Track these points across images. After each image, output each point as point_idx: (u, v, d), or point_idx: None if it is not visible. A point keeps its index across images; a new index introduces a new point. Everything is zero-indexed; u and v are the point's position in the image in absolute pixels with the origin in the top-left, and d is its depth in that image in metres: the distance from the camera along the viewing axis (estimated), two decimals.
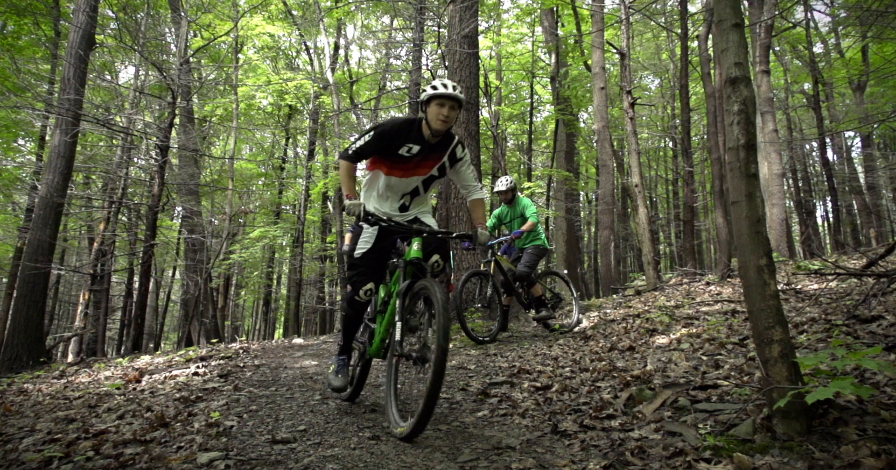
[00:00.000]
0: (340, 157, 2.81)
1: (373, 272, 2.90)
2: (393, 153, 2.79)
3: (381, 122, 2.82)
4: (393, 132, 2.75)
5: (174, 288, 20.65)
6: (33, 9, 10.87)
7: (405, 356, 2.49)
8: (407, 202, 2.99)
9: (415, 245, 2.68)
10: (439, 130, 2.71)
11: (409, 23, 13.66)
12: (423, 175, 2.90)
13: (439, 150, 2.86)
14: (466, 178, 3.00)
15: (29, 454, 2.28)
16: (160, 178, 9.65)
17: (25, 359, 7.28)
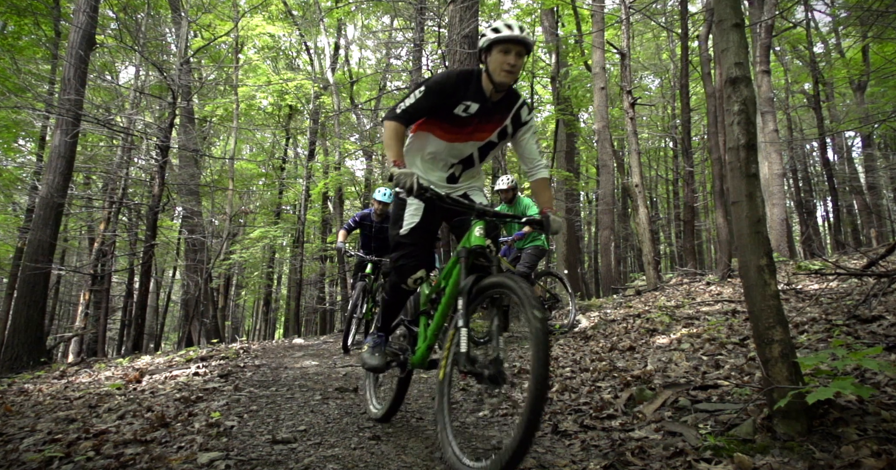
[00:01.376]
0: (386, 118, 2.28)
1: (424, 255, 2.43)
2: (447, 113, 2.33)
3: (433, 77, 2.36)
4: (448, 87, 2.29)
5: (174, 288, 20.66)
6: (34, 9, 10.88)
7: (474, 374, 1.87)
8: (457, 173, 2.52)
9: (477, 230, 2.14)
10: (504, 84, 2.24)
11: (409, 23, 13.66)
12: (480, 140, 2.42)
13: (501, 110, 2.38)
14: (530, 149, 2.47)
15: (29, 454, 2.28)
16: (160, 179, 9.66)
17: (26, 359, 7.29)
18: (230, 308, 19.96)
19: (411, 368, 2.47)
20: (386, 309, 2.60)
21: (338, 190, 14.20)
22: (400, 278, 2.44)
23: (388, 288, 2.55)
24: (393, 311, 2.60)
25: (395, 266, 2.42)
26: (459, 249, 2.16)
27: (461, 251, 2.14)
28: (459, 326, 1.95)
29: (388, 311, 2.60)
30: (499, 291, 1.93)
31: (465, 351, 1.88)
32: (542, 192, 2.48)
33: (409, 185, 2.05)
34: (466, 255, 2.12)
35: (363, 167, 18.30)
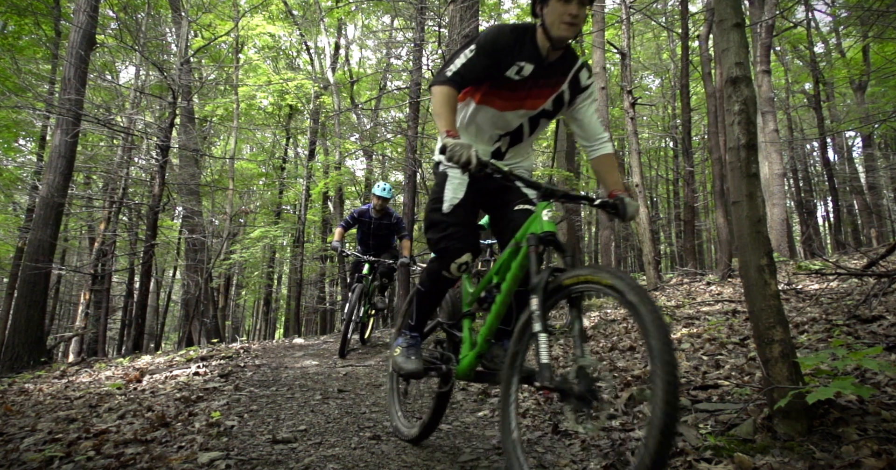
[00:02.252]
0: (435, 83, 1.93)
1: (470, 237, 2.04)
2: (497, 76, 1.96)
3: (483, 32, 1.97)
4: (501, 45, 1.92)
5: (175, 288, 20.66)
6: (34, 9, 10.87)
7: (559, 390, 1.51)
8: (503, 147, 2.14)
9: (545, 213, 1.76)
10: (563, 38, 1.87)
11: (409, 23, 13.66)
12: (532, 109, 2.05)
13: (558, 72, 2.01)
14: (590, 120, 2.09)
15: (30, 454, 2.28)
16: (161, 178, 9.66)
17: (26, 359, 7.29)
18: (230, 308, 19.96)
19: (456, 380, 2.07)
20: (421, 303, 2.19)
21: (338, 190, 14.20)
22: (441, 264, 2.04)
23: (425, 277, 2.17)
24: (429, 305, 2.20)
25: (437, 249, 2.03)
26: (527, 236, 1.75)
27: (530, 238, 1.73)
28: (536, 332, 1.56)
29: (423, 305, 2.18)
30: (586, 287, 1.54)
31: (546, 362, 1.53)
32: (608, 171, 2.11)
33: (465, 158, 1.70)
34: (537, 242, 1.71)
35: (363, 167, 18.31)
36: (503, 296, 1.85)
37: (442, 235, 2.03)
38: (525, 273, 1.77)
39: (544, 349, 1.54)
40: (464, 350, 2.04)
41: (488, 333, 1.94)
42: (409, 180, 12.27)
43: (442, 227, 2.03)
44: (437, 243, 2.03)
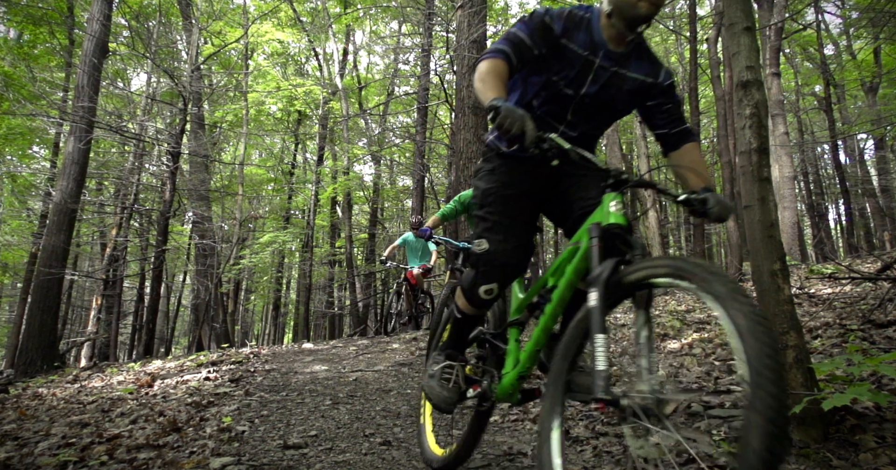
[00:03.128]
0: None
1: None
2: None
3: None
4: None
5: (185, 293, 20.81)
6: (49, 18, 11.06)
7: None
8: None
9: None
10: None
11: (417, 28, 13.73)
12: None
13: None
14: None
15: (44, 459, 2.30)
16: (171, 184, 9.75)
17: (39, 363, 7.36)
18: (240, 313, 20.07)
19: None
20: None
21: (346, 195, 14.26)
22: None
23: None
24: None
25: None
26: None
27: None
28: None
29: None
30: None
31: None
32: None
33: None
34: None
35: (371, 172, 18.39)
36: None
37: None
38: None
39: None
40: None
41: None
42: (417, 185, 12.26)
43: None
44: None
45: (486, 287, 1.70)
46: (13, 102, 10.58)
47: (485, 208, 1.74)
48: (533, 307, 1.72)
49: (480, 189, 1.78)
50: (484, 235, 1.71)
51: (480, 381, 1.86)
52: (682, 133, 1.73)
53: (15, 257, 15.17)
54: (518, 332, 1.79)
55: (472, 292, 1.73)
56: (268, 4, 14.18)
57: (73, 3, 11.51)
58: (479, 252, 1.70)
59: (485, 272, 1.70)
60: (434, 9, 10.46)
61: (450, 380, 1.80)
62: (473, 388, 1.83)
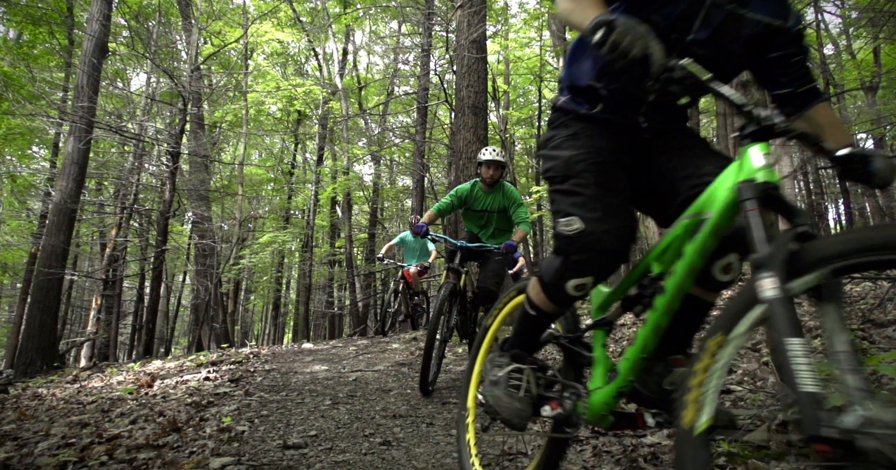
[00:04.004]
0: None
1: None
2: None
3: None
4: None
5: (185, 293, 20.82)
6: (48, 18, 11.06)
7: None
8: None
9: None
10: None
11: (417, 28, 13.73)
12: None
13: None
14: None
15: (44, 459, 2.30)
16: (171, 184, 9.75)
17: (39, 363, 7.36)
18: (239, 313, 20.06)
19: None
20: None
21: (346, 195, 14.26)
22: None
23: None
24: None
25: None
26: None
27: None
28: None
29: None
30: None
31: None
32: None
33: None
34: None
35: (371, 172, 18.39)
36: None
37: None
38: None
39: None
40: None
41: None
42: (416, 185, 12.27)
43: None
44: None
45: (578, 281, 1.29)
46: (13, 102, 10.58)
47: (571, 180, 1.33)
48: (629, 302, 1.34)
49: (562, 159, 1.37)
50: (574, 211, 1.28)
51: (560, 398, 1.39)
52: (811, 92, 1.34)
53: (15, 257, 15.17)
54: (604, 335, 1.42)
55: (557, 287, 1.33)
56: (267, 4, 14.19)
57: (73, 3, 11.51)
58: (570, 234, 1.27)
59: (578, 262, 1.28)
60: (434, 9, 10.47)
61: (519, 387, 1.41)
62: (552, 405, 1.38)
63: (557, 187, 1.37)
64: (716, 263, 1.23)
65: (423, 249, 7.21)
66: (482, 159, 3.87)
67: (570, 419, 1.35)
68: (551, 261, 1.36)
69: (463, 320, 3.78)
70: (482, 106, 7.47)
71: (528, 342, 1.52)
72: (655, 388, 1.31)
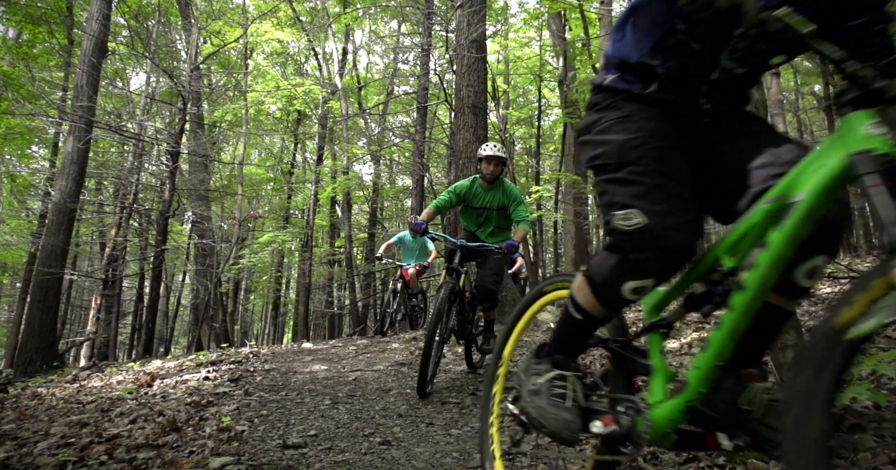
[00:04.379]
0: None
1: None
2: None
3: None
4: None
5: (184, 292, 20.81)
6: (48, 18, 11.05)
7: None
8: None
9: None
10: None
11: (416, 28, 13.74)
12: None
13: None
14: None
15: (44, 458, 2.30)
16: (171, 184, 9.75)
17: (39, 363, 7.36)
18: (239, 312, 20.07)
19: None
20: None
21: (346, 194, 14.25)
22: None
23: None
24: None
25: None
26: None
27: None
28: None
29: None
30: None
31: None
32: None
33: None
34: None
35: (371, 172, 18.40)
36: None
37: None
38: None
39: None
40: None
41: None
42: (416, 185, 12.27)
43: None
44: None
45: (637, 283, 1.13)
46: (12, 102, 10.57)
47: (627, 167, 1.15)
48: (694, 302, 1.15)
49: (614, 143, 1.19)
50: (634, 203, 1.11)
51: (613, 412, 1.20)
52: (893, 65, 1.12)
53: (14, 257, 15.17)
54: (661, 339, 1.24)
55: (611, 289, 1.16)
56: (267, 4, 14.18)
57: (73, 2, 11.50)
58: (629, 229, 1.10)
59: (639, 261, 1.11)
60: (433, 8, 10.47)
61: (564, 396, 1.24)
62: (604, 421, 1.18)
63: (610, 176, 1.19)
64: (800, 266, 1.07)
65: (422, 249, 7.18)
66: (482, 155, 3.78)
67: (628, 438, 1.16)
68: (604, 259, 1.19)
69: (461, 321, 3.70)
70: (482, 106, 7.47)
71: (570, 347, 1.35)
72: (724, 407, 1.11)
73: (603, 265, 1.19)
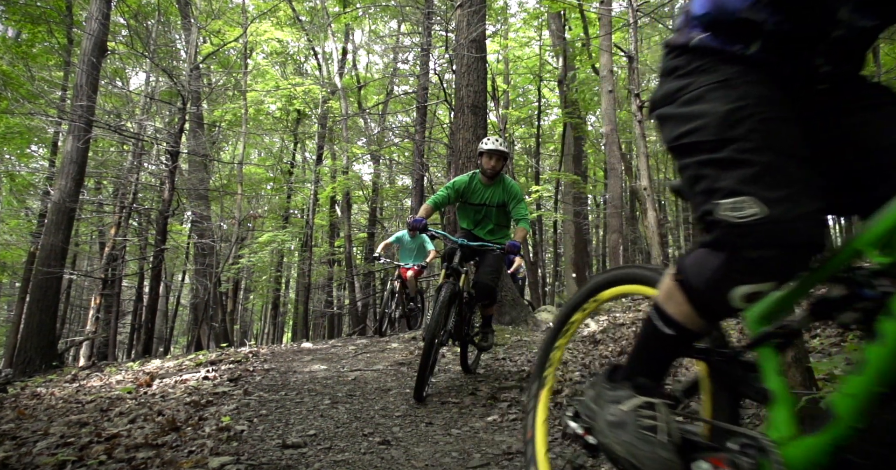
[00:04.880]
0: None
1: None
2: None
3: None
4: None
5: (184, 292, 20.81)
6: (47, 17, 11.05)
7: None
8: None
9: None
10: None
11: (416, 27, 13.73)
12: None
13: None
14: None
15: (43, 458, 2.30)
16: (170, 183, 9.74)
17: (38, 363, 7.36)
18: (239, 312, 20.07)
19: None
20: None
21: (346, 194, 14.26)
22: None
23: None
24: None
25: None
26: None
27: None
28: None
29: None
30: None
31: None
32: None
33: None
34: None
35: (371, 171, 18.39)
36: None
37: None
38: None
39: None
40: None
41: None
42: (416, 185, 12.28)
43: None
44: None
45: (752, 288, 0.89)
46: (12, 101, 10.57)
47: (733, 144, 0.91)
48: (828, 307, 0.94)
49: (713, 114, 0.94)
50: (746, 189, 0.87)
51: (726, 451, 0.94)
52: None
53: (13, 256, 15.15)
54: (777, 354, 0.99)
55: (716, 295, 0.93)
56: (267, 3, 14.18)
57: (72, 1, 11.50)
58: (742, 221, 0.86)
59: (754, 261, 0.87)
60: (433, 8, 10.47)
61: (655, 429, 1.00)
62: (712, 462, 0.94)
63: (708, 157, 0.94)
64: None
65: (420, 249, 7.14)
66: (483, 149, 3.65)
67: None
68: (704, 259, 0.95)
69: (458, 322, 3.58)
70: (482, 105, 7.47)
71: (655, 369, 1.11)
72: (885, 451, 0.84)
73: (703, 266, 0.95)
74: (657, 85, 1.10)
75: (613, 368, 1.19)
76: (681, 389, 1.14)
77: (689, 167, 0.98)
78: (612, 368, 1.19)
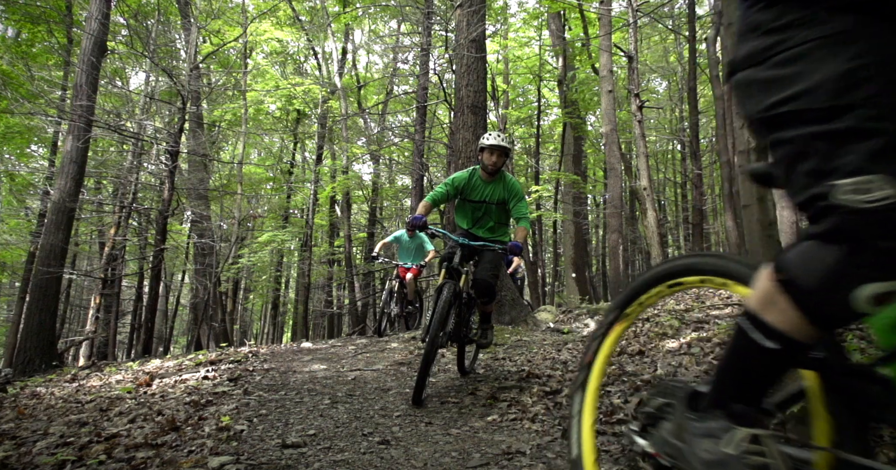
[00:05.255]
0: None
1: None
2: None
3: None
4: None
5: (184, 292, 20.80)
6: (47, 17, 11.05)
7: None
8: None
9: None
10: None
11: (416, 27, 13.73)
12: None
13: None
14: None
15: (43, 458, 2.30)
16: (170, 183, 9.74)
17: (38, 362, 7.36)
18: (238, 312, 20.07)
19: None
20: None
21: (345, 194, 14.26)
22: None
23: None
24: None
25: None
26: None
27: None
28: None
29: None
30: None
31: None
32: None
33: None
34: None
35: (370, 171, 18.39)
36: None
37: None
38: None
39: None
40: None
41: None
42: (416, 184, 12.26)
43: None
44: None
45: (882, 287, 0.71)
46: (11, 101, 10.56)
47: (853, 112, 0.74)
48: None
49: (826, 76, 0.76)
50: (874, 166, 0.71)
51: None
52: None
53: (13, 256, 15.15)
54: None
55: (833, 297, 0.75)
56: (266, 3, 14.18)
57: (72, 1, 11.49)
58: (869, 207, 0.70)
59: (885, 254, 0.71)
60: (433, 8, 10.47)
61: (768, 467, 0.84)
62: None
63: (819, 129, 0.76)
64: None
65: (419, 249, 7.12)
66: (485, 144, 3.52)
67: None
68: (817, 254, 0.76)
69: (458, 323, 3.51)
70: (481, 105, 7.47)
71: (755, 391, 0.93)
72: None
73: (816, 262, 0.77)
74: (737, 46, 0.89)
75: (693, 393, 0.99)
76: (774, 402, 0.94)
77: (790, 142, 0.80)
78: (692, 393, 0.99)
